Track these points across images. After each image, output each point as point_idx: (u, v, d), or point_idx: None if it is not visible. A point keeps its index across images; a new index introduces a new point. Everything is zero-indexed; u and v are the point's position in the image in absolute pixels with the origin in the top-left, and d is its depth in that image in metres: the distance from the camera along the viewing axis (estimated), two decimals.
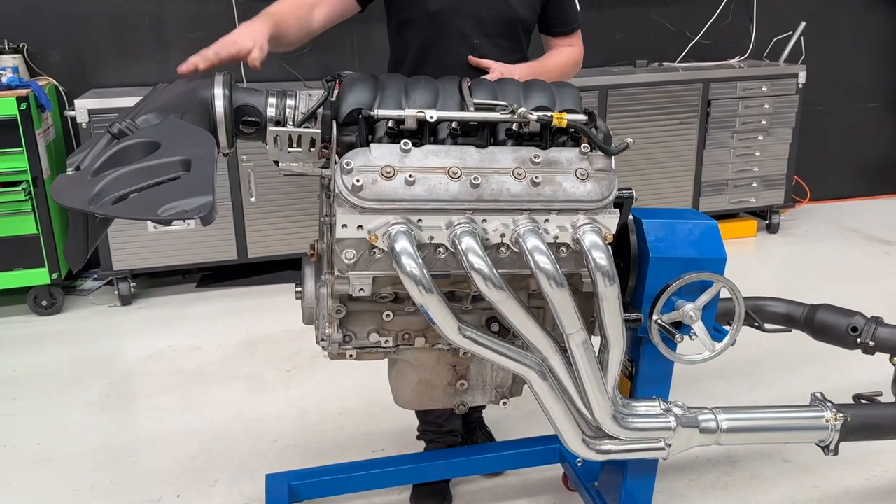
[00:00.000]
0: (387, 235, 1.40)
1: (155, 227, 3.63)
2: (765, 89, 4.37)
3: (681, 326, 1.66)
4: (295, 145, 1.49)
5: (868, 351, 2.00)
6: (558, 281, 1.43)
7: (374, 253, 1.44)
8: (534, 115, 1.46)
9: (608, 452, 1.70)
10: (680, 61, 4.64)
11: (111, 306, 3.74)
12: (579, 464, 2.09)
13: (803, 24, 4.58)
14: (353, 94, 1.49)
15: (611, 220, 1.49)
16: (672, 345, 1.67)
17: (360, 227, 1.41)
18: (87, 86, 3.88)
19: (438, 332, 1.47)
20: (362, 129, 1.46)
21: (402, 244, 1.38)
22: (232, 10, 3.91)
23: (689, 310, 1.63)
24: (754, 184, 4.53)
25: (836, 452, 1.91)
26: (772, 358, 3.04)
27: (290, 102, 1.51)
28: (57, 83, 3.85)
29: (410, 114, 1.44)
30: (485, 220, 1.44)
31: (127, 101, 3.27)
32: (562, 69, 2.01)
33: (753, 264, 4.23)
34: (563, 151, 1.49)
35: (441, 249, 1.45)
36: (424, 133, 1.46)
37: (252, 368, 3.10)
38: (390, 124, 1.45)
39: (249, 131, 1.52)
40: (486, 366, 1.77)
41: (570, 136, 1.52)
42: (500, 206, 1.44)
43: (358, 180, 1.39)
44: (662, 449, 1.73)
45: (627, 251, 1.66)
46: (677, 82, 4.24)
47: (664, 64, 4.55)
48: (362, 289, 1.47)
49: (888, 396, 2.03)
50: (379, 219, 1.41)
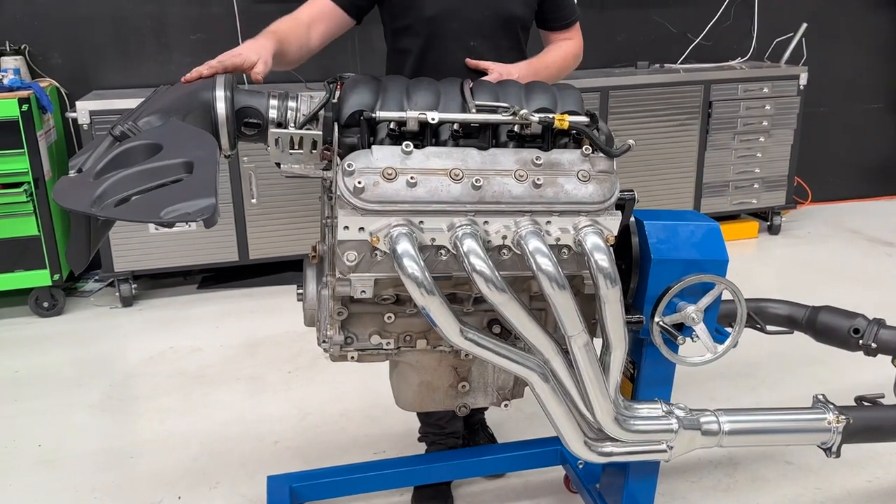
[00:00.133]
0: (388, 237, 1.40)
1: (156, 228, 3.63)
2: (766, 90, 4.37)
3: (682, 328, 1.66)
4: (296, 147, 1.49)
5: (870, 353, 2.00)
6: (560, 283, 1.43)
7: (376, 255, 1.44)
8: (535, 117, 1.46)
9: (610, 454, 1.70)
10: (681, 63, 4.64)
11: (112, 308, 3.74)
12: (581, 466, 2.09)
13: (804, 25, 4.58)
14: (355, 95, 1.49)
15: (612, 222, 1.49)
16: (674, 347, 1.67)
17: (361, 228, 1.41)
18: (89, 87, 3.88)
19: (440, 334, 1.47)
20: (364, 131, 1.46)
21: (404, 246, 1.38)
22: (233, 12, 3.91)
23: (691, 312, 1.63)
24: (755, 185, 4.53)
25: (838, 455, 1.90)
26: (773, 360, 3.04)
27: (291, 104, 1.51)
28: (58, 85, 3.85)
29: (412, 116, 1.44)
30: (486, 221, 1.44)
31: (128, 103, 3.27)
32: (561, 64, 2.00)
33: (755, 266, 4.23)
34: (564, 153, 1.49)
35: (443, 251, 1.45)
36: (426, 135, 1.46)
37: (253, 370, 3.10)
38: (392, 126, 1.45)
39: (251, 133, 1.52)
40: (488, 368, 1.77)
41: (572, 138, 1.52)
42: (502, 207, 1.44)
43: (359, 182, 1.39)
44: (664, 451, 1.73)
45: (629, 253, 1.66)
46: (678, 83, 4.24)
47: (665, 65, 4.55)
48: (364, 291, 1.47)
49: (890, 398, 2.03)
50: (380, 221, 1.40)
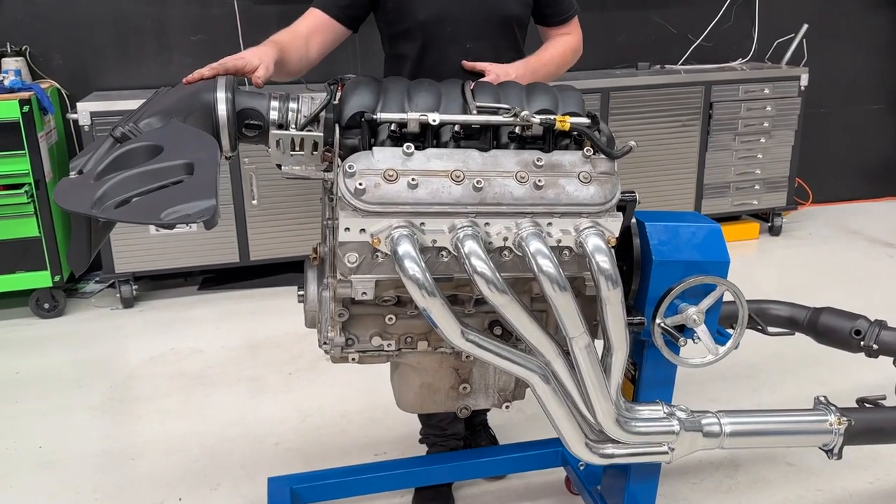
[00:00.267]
0: (389, 239, 1.40)
1: (157, 229, 3.63)
2: (767, 91, 4.37)
3: (684, 330, 1.66)
4: (297, 149, 1.49)
5: (871, 354, 2.00)
6: (561, 284, 1.43)
7: (377, 256, 1.43)
8: (536, 119, 1.46)
9: (611, 456, 1.70)
10: (682, 64, 4.64)
11: (113, 309, 3.74)
12: (582, 467, 2.09)
13: (805, 26, 4.58)
14: (356, 97, 1.49)
15: (614, 224, 1.49)
16: (675, 348, 1.67)
17: (362, 230, 1.41)
18: (90, 88, 3.88)
19: (441, 335, 1.47)
20: (365, 133, 1.46)
21: (405, 248, 1.38)
22: (234, 13, 3.92)
23: (693, 313, 1.63)
24: (756, 186, 4.52)
25: (839, 456, 1.90)
26: (775, 361, 3.03)
27: (292, 106, 1.51)
28: (59, 86, 3.85)
29: (413, 117, 1.43)
30: (487, 223, 1.44)
31: (129, 104, 3.27)
32: (560, 61, 1.99)
33: (756, 267, 4.23)
34: (565, 155, 1.49)
35: (444, 253, 1.45)
36: (427, 136, 1.46)
37: (254, 371, 3.10)
38: (393, 127, 1.45)
39: (252, 135, 1.52)
40: (489, 369, 1.76)
41: (573, 140, 1.52)
42: (503, 209, 1.44)
43: (361, 184, 1.39)
44: (666, 453, 1.73)
45: (630, 254, 1.66)
46: (679, 85, 4.24)
47: (666, 66, 4.55)
48: (365, 292, 1.47)
49: (892, 400, 2.02)
50: (381, 222, 1.40)
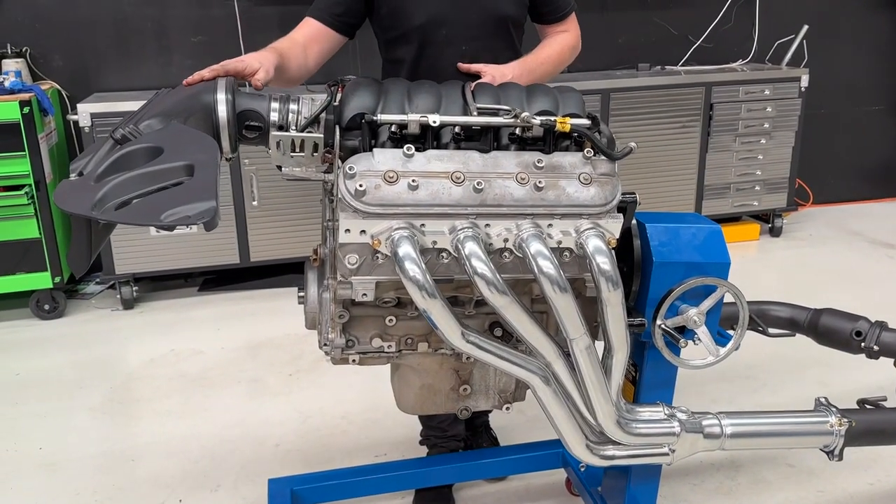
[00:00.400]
0: (390, 240, 1.40)
1: (157, 231, 3.63)
2: (767, 93, 4.37)
3: (684, 331, 1.66)
4: (298, 150, 1.49)
5: (872, 355, 1.99)
6: (562, 286, 1.43)
7: (377, 258, 1.43)
8: (537, 120, 1.46)
9: (612, 458, 1.70)
10: (682, 65, 4.64)
11: (113, 310, 3.74)
12: (582, 468, 2.09)
13: (805, 27, 4.58)
14: (356, 98, 1.49)
15: (614, 225, 1.49)
16: (676, 349, 1.67)
17: (363, 231, 1.40)
18: (90, 90, 3.88)
19: (441, 337, 1.47)
20: (365, 134, 1.46)
21: (405, 249, 1.38)
22: (234, 14, 3.92)
23: (693, 314, 1.63)
24: (757, 187, 4.52)
25: (840, 458, 1.90)
26: (775, 362, 3.03)
27: (293, 107, 1.51)
28: (60, 87, 3.85)
29: (413, 118, 1.43)
30: (488, 224, 1.44)
31: (129, 105, 3.28)
32: (557, 59, 1.98)
33: (756, 268, 4.22)
34: (566, 156, 1.49)
35: (444, 254, 1.45)
36: (427, 138, 1.46)
37: (254, 373, 3.09)
38: (393, 129, 1.45)
39: (252, 136, 1.52)
40: (490, 371, 1.76)
41: (574, 141, 1.52)
42: (504, 210, 1.44)
43: (361, 185, 1.39)
44: (666, 454, 1.72)
45: (631, 256, 1.66)
46: (680, 86, 4.24)
47: (666, 67, 4.55)
48: (365, 293, 1.47)
49: (893, 401, 2.02)
50: (382, 223, 1.40)
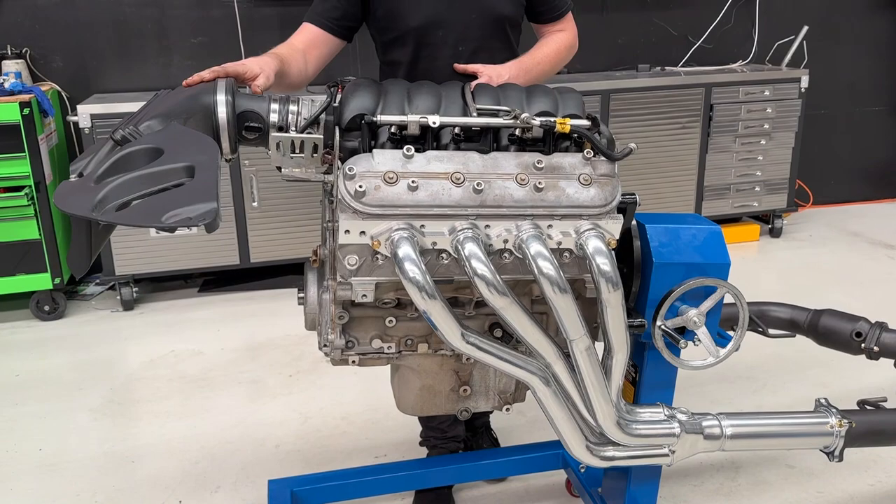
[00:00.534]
0: (389, 241, 1.40)
1: (157, 232, 3.62)
2: (767, 93, 4.37)
3: (684, 332, 1.66)
4: (298, 151, 1.49)
5: (872, 356, 1.99)
6: (561, 287, 1.43)
7: (377, 259, 1.43)
8: (537, 121, 1.46)
9: (612, 459, 1.70)
10: (682, 65, 4.64)
11: (113, 311, 3.74)
12: (582, 469, 2.09)
13: (806, 28, 4.58)
14: (356, 99, 1.49)
15: (614, 226, 1.49)
16: (676, 350, 1.67)
17: (362, 232, 1.40)
18: (90, 91, 3.89)
19: (441, 338, 1.47)
20: (365, 135, 1.46)
21: (405, 250, 1.38)
22: (234, 15, 3.92)
23: (693, 315, 1.63)
24: (757, 188, 4.52)
25: (840, 458, 1.90)
26: (775, 363, 3.03)
27: (292, 108, 1.51)
28: (60, 88, 3.85)
29: (413, 119, 1.43)
30: (488, 225, 1.44)
31: (129, 106, 3.28)
32: (554, 58, 1.97)
33: (756, 269, 4.22)
34: (566, 157, 1.49)
35: (444, 255, 1.45)
36: (427, 138, 1.46)
37: (254, 374, 3.09)
38: (393, 130, 1.45)
39: (252, 137, 1.52)
40: (490, 372, 1.76)
41: (574, 142, 1.52)
42: (503, 211, 1.44)
43: (361, 186, 1.39)
44: (666, 455, 1.72)
45: (631, 256, 1.66)
46: (680, 86, 4.24)
47: (666, 68, 4.54)
48: (365, 294, 1.47)
49: (893, 402, 2.02)
50: (382, 224, 1.40)
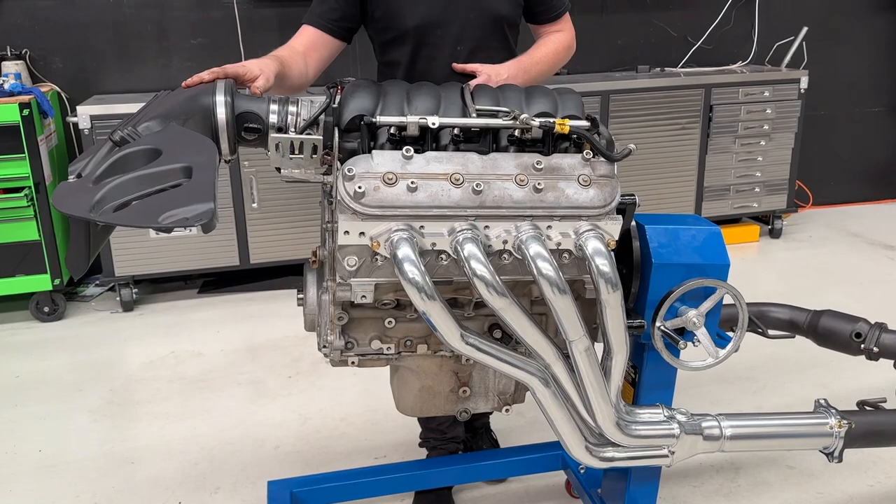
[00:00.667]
0: (389, 242, 1.40)
1: (156, 233, 3.63)
2: (767, 94, 4.37)
3: (684, 333, 1.66)
4: (297, 152, 1.48)
5: (872, 357, 1.99)
6: (561, 287, 1.43)
7: (377, 260, 1.43)
8: (536, 122, 1.46)
9: (611, 460, 1.70)
10: (682, 66, 4.64)
11: (113, 312, 3.74)
12: (582, 470, 2.09)
13: (805, 28, 4.58)
14: (355, 100, 1.49)
15: (613, 227, 1.49)
16: (675, 351, 1.67)
17: (362, 233, 1.40)
18: (90, 92, 3.89)
19: (441, 338, 1.47)
20: (364, 136, 1.46)
21: (405, 251, 1.38)
22: (234, 16, 3.92)
23: (693, 316, 1.63)
24: (757, 189, 4.52)
25: (840, 459, 1.90)
26: (775, 364, 3.03)
27: (291, 109, 1.51)
28: (59, 89, 3.85)
29: (412, 120, 1.43)
30: (487, 226, 1.44)
31: (129, 108, 3.28)
32: (552, 58, 1.97)
33: (756, 270, 4.22)
34: (565, 158, 1.49)
35: (443, 256, 1.45)
36: (426, 139, 1.46)
37: (254, 375, 3.09)
38: (392, 131, 1.45)
39: (251, 138, 1.52)
40: (489, 373, 1.76)
41: (573, 143, 1.52)
42: (503, 212, 1.44)
43: (360, 187, 1.38)
44: (666, 456, 1.72)
45: (630, 257, 1.66)
46: (679, 87, 4.24)
47: (666, 69, 4.55)
48: (364, 295, 1.47)
49: (892, 403, 2.02)
50: (381, 225, 1.40)
